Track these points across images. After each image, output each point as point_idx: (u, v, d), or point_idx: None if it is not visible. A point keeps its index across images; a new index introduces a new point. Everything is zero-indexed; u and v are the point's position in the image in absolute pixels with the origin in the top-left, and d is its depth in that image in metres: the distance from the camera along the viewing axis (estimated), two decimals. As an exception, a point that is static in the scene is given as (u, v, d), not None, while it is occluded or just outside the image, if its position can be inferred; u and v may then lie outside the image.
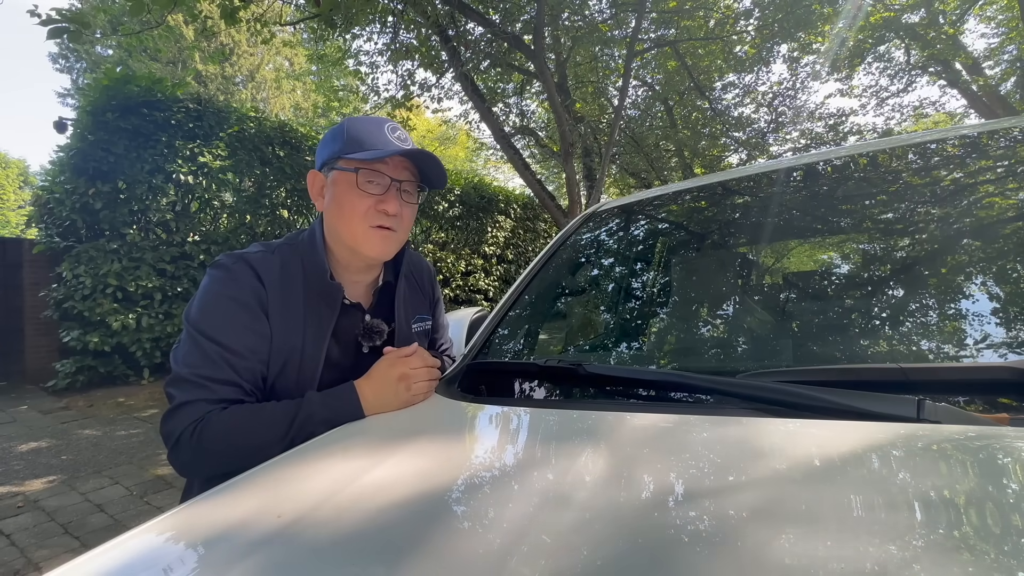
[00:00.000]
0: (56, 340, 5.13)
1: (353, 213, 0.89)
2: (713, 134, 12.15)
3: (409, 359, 0.88)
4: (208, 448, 0.76)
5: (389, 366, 0.86)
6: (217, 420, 0.77)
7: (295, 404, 0.81)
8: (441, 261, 8.70)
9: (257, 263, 0.88)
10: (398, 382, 0.85)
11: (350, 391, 0.84)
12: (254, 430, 0.77)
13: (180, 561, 0.47)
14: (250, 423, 0.77)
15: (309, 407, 0.80)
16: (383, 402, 0.84)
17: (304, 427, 0.78)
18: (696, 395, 0.73)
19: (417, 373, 0.87)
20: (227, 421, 0.77)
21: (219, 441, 0.76)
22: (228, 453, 0.76)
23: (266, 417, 0.79)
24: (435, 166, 0.94)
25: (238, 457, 0.76)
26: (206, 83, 17.24)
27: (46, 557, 2.19)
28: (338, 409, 0.81)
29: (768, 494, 0.45)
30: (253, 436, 0.77)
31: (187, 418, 0.77)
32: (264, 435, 0.77)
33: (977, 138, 1.10)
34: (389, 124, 0.92)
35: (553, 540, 0.41)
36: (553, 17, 7.90)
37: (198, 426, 0.76)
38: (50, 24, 3.09)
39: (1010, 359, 0.66)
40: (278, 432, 0.78)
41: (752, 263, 1.36)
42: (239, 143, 5.88)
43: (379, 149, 0.88)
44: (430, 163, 0.94)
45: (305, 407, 0.80)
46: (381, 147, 0.89)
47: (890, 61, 11.10)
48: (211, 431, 0.76)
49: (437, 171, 0.95)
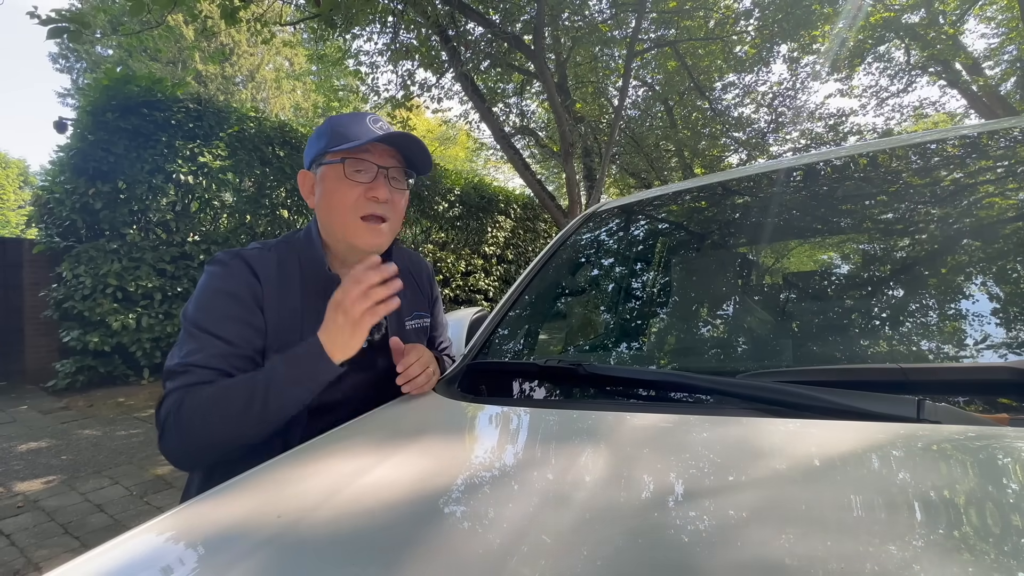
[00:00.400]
0: (56, 340, 5.13)
1: (344, 204, 0.89)
2: (713, 134, 12.15)
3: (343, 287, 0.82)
4: (187, 430, 0.76)
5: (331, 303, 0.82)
6: (189, 400, 0.76)
7: (261, 370, 0.80)
8: (441, 261, 8.70)
9: (253, 259, 0.88)
10: (336, 311, 0.81)
11: (311, 341, 0.81)
12: (223, 401, 0.77)
13: (180, 561, 0.47)
14: (219, 396, 0.77)
15: (272, 367, 0.79)
16: (335, 338, 0.80)
17: (271, 388, 0.77)
18: (696, 395, 0.73)
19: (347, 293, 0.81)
20: (197, 399, 0.77)
21: (193, 419, 0.76)
22: (204, 431, 0.76)
23: (232, 385, 0.78)
24: (419, 150, 0.94)
25: (216, 434, 0.76)
26: (206, 83, 17.24)
27: (46, 557, 2.19)
28: (299, 359, 0.79)
29: (768, 494, 0.45)
30: (223, 407, 0.76)
31: (171, 405, 0.77)
32: (233, 404, 0.76)
33: (977, 138, 1.10)
34: (370, 116, 0.93)
35: (553, 540, 0.41)
36: (553, 17, 7.90)
37: (174, 409, 0.76)
38: (50, 24, 3.09)
39: (1010, 359, 0.66)
40: (246, 397, 0.76)
41: (752, 263, 1.36)
42: (239, 143, 5.88)
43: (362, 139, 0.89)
44: (414, 148, 0.94)
45: (268, 369, 0.79)
46: (364, 137, 0.89)
47: (890, 61, 11.10)
48: (185, 411, 0.76)
49: (422, 155, 0.95)
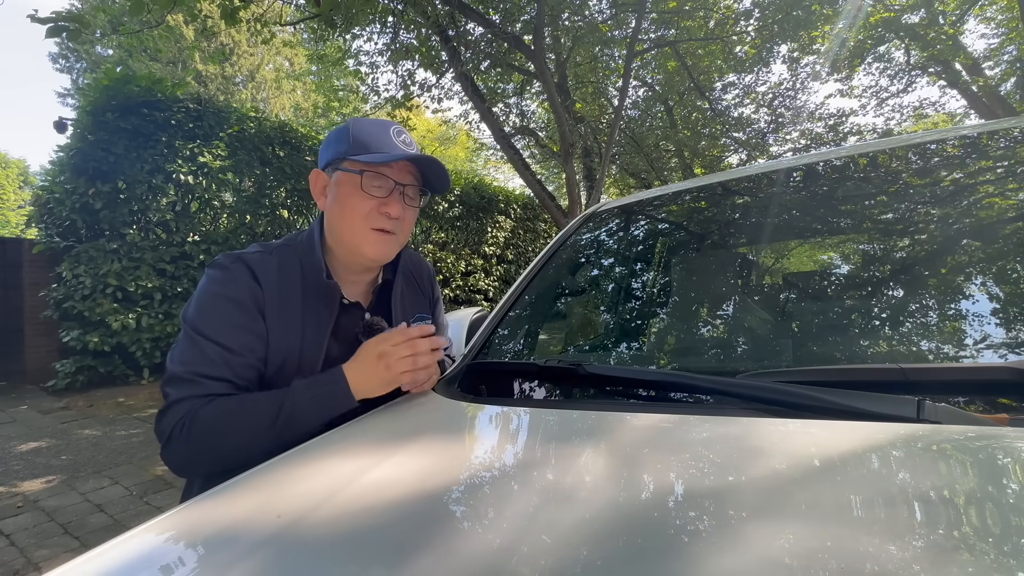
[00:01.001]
0: (56, 340, 5.13)
1: (355, 214, 0.89)
2: (713, 134, 12.15)
3: (390, 336, 0.85)
4: (198, 442, 0.76)
5: (372, 346, 0.84)
6: (205, 413, 0.76)
7: (282, 392, 0.80)
8: (441, 261, 8.70)
9: (254, 263, 0.88)
10: (377, 360, 0.82)
11: (336, 374, 0.82)
12: (242, 419, 0.77)
13: (180, 561, 0.47)
14: (237, 413, 0.77)
15: (295, 394, 0.79)
16: (366, 382, 0.82)
17: (292, 414, 0.77)
18: (696, 395, 0.73)
19: (396, 350, 0.83)
20: (214, 413, 0.76)
21: (208, 433, 0.76)
22: (218, 445, 0.76)
23: (252, 406, 0.78)
24: (439, 172, 0.94)
25: (228, 449, 0.75)
26: (206, 83, 17.24)
27: (46, 557, 2.19)
28: (324, 393, 0.80)
29: (768, 494, 0.45)
30: (241, 426, 0.76)
31: (178, 414, 0.77)
32: (252, 424, 0.76)
33: (977, 138, 1.10)
34: (395, 128, 0.92)
35: (553, 540, 0.41)
36: (553, 17, 7.90)
37: (187, 421, 0.76)
38: (49, 23, 3.09)
39: (1010, 359, 0.66)
40: (266, 421, 0.76)
41: (752, 263, 1.36)
42: (239, 143, 5.88)
43: (385, 153, 0.88)
44: (434, 168, 0.94)
45: (291, 395, 0.79)
46: (387, 151, 0.89)
47: (890, 61, 11.10)
48: (199, 424, 0.76)
49: (441, 176, 0.95)
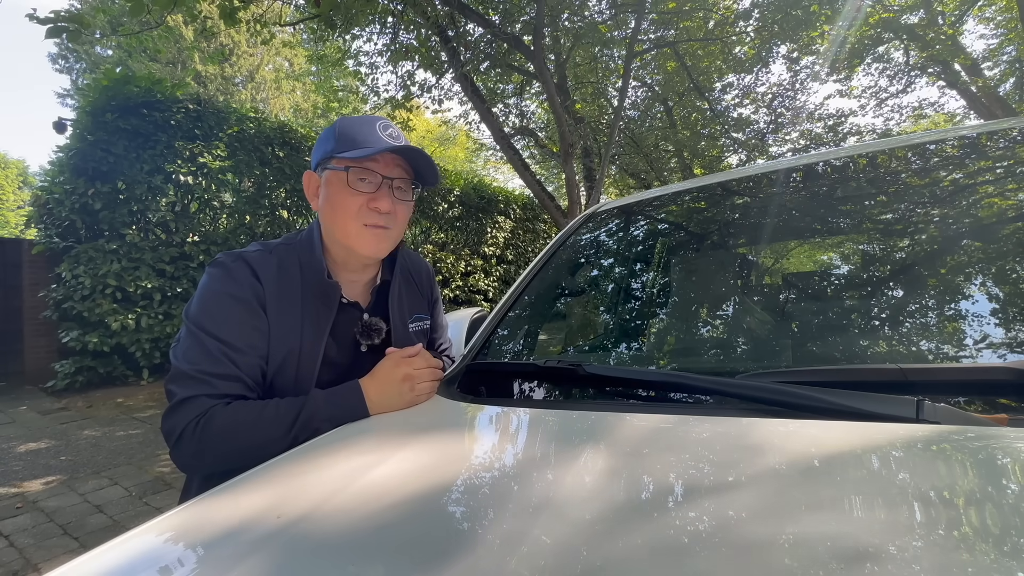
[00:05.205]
0: (55, 340, 5.12)
1: (346, 212, 0.89)
2: (712, 135, 12.15)
3: (413, 359, 0.88)
4: (212, 444, 0.76)
5: (394, 366, 0.86)
6: (221, 416, 0.77)
7: (299, 401, 0.81)
8: (441, 261, 8.69)
9: (255, 261, 0.88)
10: (402, 382, 0.85)
11: (355, 390, 0.84)
12: (258, 427, 0.77)
13: (180, 561, 0.47)
14: (254, 420, 0.78)
15: (313, 405, 0.80)
16: (387, 402, 0.84)
17: (308, 425, 0.78)
18: (696, 396, 0.73)
19: (421, 374, 0.87)
20: (231, 417, 0.77)
21: (223, 437, 0.76)
22: (232, 449, 0.76)
23: (270, 414, 0.79)
24: (426, 163, 0.94)
25: (241, 453, 0.76)
26: (206, 83, 17.23)
27: (45, 558, 2.19)
28: (342, 408, 0.82)
29: (768, 495, 0.45)
30: (257, 433, 0.77)
31: (190, 413, 0.77)
32: (268, 432, 0.77)
33: (976, 139, 1.10)
34: (381, 122, 0.92)
35: (553, 540, 0.41)
36: (553, 18, 7.90)
37: (201, 421, 0.76)
38: (49, 23, 3.09)
39: (1010, 359, 0.66)
40: (282, 429, 0.78)
41: (752, 264, 1.36)
42: (239, 144, 5.88)
43: (370, 147, 0.88)
44: (421, 160, 0.94)
45: (309, 405, 0.80)
46: (372, 145, 0.89)
47: (889, 62, 11.10)
48: (215, 427, 0.76)
49: (429, 168, 0.95)
